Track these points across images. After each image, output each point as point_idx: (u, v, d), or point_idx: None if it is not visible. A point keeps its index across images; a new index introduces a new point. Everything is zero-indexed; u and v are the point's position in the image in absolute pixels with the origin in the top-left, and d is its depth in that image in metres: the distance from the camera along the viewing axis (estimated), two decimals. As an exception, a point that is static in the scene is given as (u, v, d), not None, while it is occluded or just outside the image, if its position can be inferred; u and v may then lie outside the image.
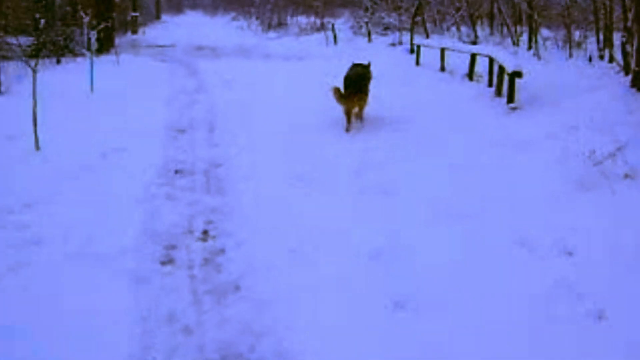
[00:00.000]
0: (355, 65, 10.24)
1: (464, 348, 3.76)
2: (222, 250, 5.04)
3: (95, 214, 5.71)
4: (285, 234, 5.30)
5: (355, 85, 9.43)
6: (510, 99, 10.38)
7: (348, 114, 9.34)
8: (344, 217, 5.72)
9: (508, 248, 5.04)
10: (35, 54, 14.46)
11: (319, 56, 20.61)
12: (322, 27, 31.49)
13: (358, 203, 6.14)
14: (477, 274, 4.58)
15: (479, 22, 24.45)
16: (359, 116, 9.69)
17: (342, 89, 9.42)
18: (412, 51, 20.29)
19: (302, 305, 4.19)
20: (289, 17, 44.40)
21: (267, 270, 4.65)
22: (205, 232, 5.42)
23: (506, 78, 10.80)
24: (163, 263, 4.83)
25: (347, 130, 9.18)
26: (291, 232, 5.34)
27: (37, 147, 7.78)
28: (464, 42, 20.49)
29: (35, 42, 17.48)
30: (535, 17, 17.93)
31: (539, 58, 16.20)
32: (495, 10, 23.06)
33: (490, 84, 12.60)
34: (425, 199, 6.13)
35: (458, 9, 25.13)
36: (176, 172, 7.22)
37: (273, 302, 4.22)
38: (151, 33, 36.78)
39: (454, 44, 17.39)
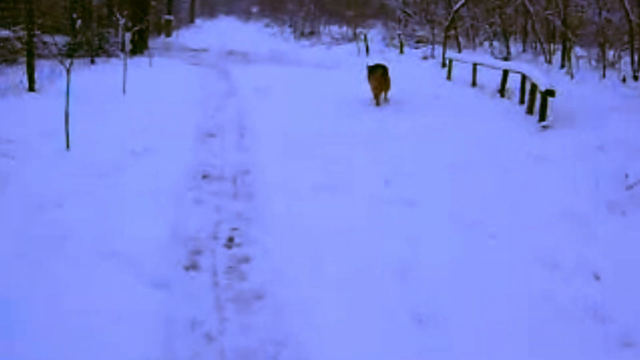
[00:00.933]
0: (377, 65, 13.33)
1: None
2: (247, 258, 5.02)
3: (122, 215, 5.75)
4: (310, 243, 5.29)
5: (383, 70, 12.91)
6: (542, 117, 10.31)
7: (377, 93, 12.73)
8: (369, 227, 5.69)
9: (532, 267, 4.99)
10: (70, 53, 14.62)
11: (350, 66, 20.59)
12: (355, 37, 31.49)
13: (383, 214, 6.10)
14: (499, 293, 4.53)
15: (512, 38, 24.30)
16: (385, 98, 13.05)
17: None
18: (443, 65, 20.23)
19: (324, 315, 4.16)
20: (321, 26, 44.50)
21: (291, 279, 4.63)
22: (230, 239, 5.41)
23: (538, 96, 10.73)
24: (187, 268, 4.82)
25: (377, 104, 12.61)
26: (316, 241, 5.32)
27: (68, 146, 7.86)
28: (496, 57, 20.39)
29: (71, 41, 17.69)
30: (569, 35, 17.80)
31: (572, 77, 16.08)
32: (529, 27, 22.91)
33: (522, 101, 12.53)
34: (449, 212, 6.10)
35: (491, 24, 25.04)
36: (204, 176, 7.24)
37: (296, 311, 4.20)
38: (185, 36, 37.07)
39: (486, 59, 17.31)
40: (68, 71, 8.23)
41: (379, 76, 12.71)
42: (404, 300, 4.41)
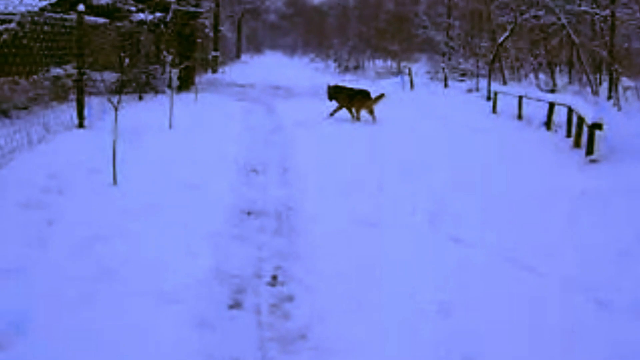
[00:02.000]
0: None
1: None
2: (291, 297, 4.98)
3: (165, 252, 5.75)
4: (354, 282, 5.23)
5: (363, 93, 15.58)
6: (590, 151, 10.16)
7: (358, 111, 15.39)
8: (414, 264, 5.63)
9: (581, 306, 4.87)
10: (118, 90, 14.91)
11: (395, 100, 20.63)
12: (399, 71, 31.58)
13: (428, 250, 6.05)
14: (548, 333, 4.43)
15: (557, 70, 24.11)
16: (373, 118, 15.23)
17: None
18: (488, 98, 20.16)
19: (368, 357, 4.11)
20: (365, 60, 44.74)
21: (334, 319, 4.57)
22: (274, 277, 5.39)
23: (585, 129, 10.59)
24: (230, 307, 4.80)
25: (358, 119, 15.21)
26: (360, 280, 5.26)
27: (115, 182, 7.97)
28: (542, 90, 20.24)
29: (119, 78, 18.05)
30: (616, 66, 17.57)
31: (619, 109, 15.85)
32: (575, 58, 22.71)
33: (568, 135, 12.38)
34: (495, 249, 6.01)
35: (536, 56, 24.88)
36: (248, 213, 7.25)
37: (339, 352, 4.13)
38: (231, 72, 37.58)
39: (531, 92, 17.20)
40: (116, 108, 8.37)
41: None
42: (450, 340, 4.33)
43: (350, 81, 32.35)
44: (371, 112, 15.43)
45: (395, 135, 12.87)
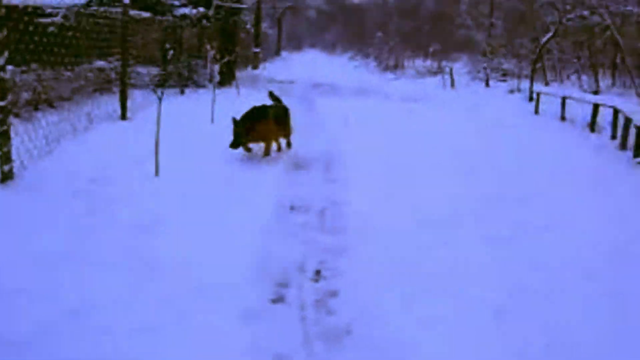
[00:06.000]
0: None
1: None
2: (335, 292, 4.93)
3: (208, 245, 5.74)
4: (399, 279, 5.15)
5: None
6: (637, 153, 9.96)
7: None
8: (462, 264, 5.53)
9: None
10: (161, 83, 15.03)
11: (436, 99, 20.52)
12: (440, 71, 31.35)
13: (479, 250, 5.95)
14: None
15: (600, 71, 23.72)
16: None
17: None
18: (530, 99, 19.91)
19: (415, 355, 4.04)
20: (405, 59, 44.55)
21: (380, 315, 4.51)
22: (318, 272, 5.34)
23: (633, 131, 10.39)
24: (274, 301, 4.77)
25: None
26: (405, 277, 5.19)
27: (157, 173, 8.00)
28: (584, 91, 19.93)
29: (162, 72, 18.20)
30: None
31: (667, 111, 15.53)
32: (619, 60, 22.33)
33: (614, 136, 12.16)
34: (554, 256, 5.89)
35: (579, 58, 24.51)
36: (291, 208, 7.22)
37: (384, 349, 4.08)
38: (271, 69, 37.64)
39: (574, 93, 16.95)
40: (159, 101, 8.40)
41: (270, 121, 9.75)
42: (503, 341, 4.24)
43: (389, 80, 32.24)
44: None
45: (440, 134, 12.72)
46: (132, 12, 14.15)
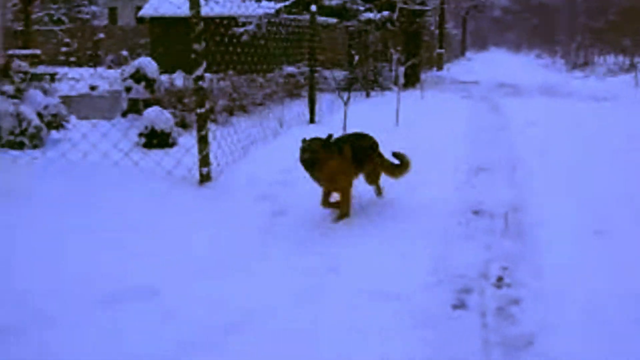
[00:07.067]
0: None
1: None
2: (517, 300, 4.82)
3: (386, 250, 5.84)
4: (581, 291, 4.96)
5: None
6: None
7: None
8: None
9: None
10: (347, 87, 15.40)
11: (623, 99, 19.44)
12: (632, 67, 29.58)
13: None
14: None
15: None
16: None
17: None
18: None
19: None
20: (595, 56, 42.49)
21: (562, 328, 4.36)
22: (500, 279, 5.25)
23: None
24: (454, 307, 4.76)
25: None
26: (587, 289, 4.99)
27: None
28: None
29: (349, 76, 18.64)
30: None
31: None
32: None
33: None
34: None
35: None
36: (473, 212, 7.15)
37: (568, 362, 3.98)
38: (455, 70, 37.34)
39: None
40: (345, 104, 8.62)
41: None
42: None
43: (576, 78, 30.84)
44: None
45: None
46: (320, 19, 14.63)
